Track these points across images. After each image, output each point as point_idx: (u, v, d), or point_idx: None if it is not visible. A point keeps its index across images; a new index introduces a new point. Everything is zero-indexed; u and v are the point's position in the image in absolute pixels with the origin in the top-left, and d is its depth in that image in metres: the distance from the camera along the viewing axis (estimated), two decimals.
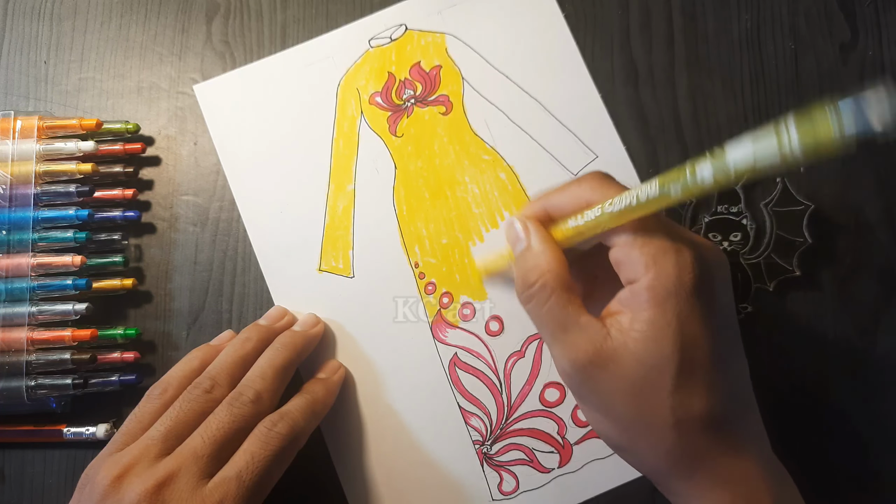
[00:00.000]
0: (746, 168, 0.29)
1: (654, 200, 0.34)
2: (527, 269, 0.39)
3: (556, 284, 0.38)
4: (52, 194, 0.50)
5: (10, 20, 0.55)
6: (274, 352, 0.45)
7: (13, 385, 0.48)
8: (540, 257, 0.39)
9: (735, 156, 0.29)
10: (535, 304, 0.39)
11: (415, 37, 0.53)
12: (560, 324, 0.38)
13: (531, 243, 0.40)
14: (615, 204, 0.36)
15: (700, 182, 0.31)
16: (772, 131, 0.27)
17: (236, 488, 0.38)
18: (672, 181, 0.32)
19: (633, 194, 0.35)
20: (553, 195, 0.41)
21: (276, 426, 0.41)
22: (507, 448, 0.48)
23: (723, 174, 0.30)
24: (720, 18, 0.52)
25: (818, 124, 0.25)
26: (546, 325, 0.39)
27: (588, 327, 0.37)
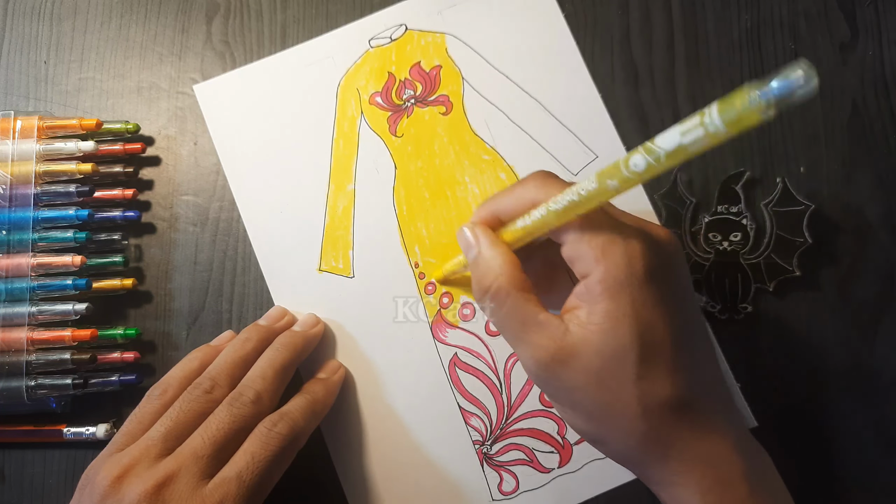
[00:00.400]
0: (675, 149, 0.29)
1: (595, 194, 0.34)
2: (480, 274, 0.40)
3: (511, 286, 0.38)
4: (52, 194, 0.50)
5: (10, 20, 0.55)
6: (274, 352, 0.45)
7: (13, 385, 0.48)
8: (492, 262, 0.39)
9: (663, 141, 0.30)
10: (493, 309, 0.39)
11: (415, 37, 0.53)
12: (520, 324, 0.38)
13: (481, 249, 0.40)
14: (558, 202, 0.36)
15: (634, 170, 0.31)
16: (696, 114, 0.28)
17: (237, 488, 0.38)
18: (609, 175, 0.33)
19: (573, 191, 0.35)
20: (500, 198, 0.41)
21: (276, 426, 0.41)
22: (507, 448, 0.48)
23: (654, 159, 0.30)
24: (720, 18, 0.52)
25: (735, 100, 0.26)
26: (506, 328, 0.39)
27: (547, 325, 0.37)
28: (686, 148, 0.29)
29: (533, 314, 0.38)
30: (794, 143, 0.50)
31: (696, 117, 0.28)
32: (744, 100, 0.26)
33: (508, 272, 0.38)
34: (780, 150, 0.50)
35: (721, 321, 0.48)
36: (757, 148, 0.50)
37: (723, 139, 0.27)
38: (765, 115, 0.25)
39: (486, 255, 0.40)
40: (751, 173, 0.49)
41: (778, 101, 0.25)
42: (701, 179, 0.50)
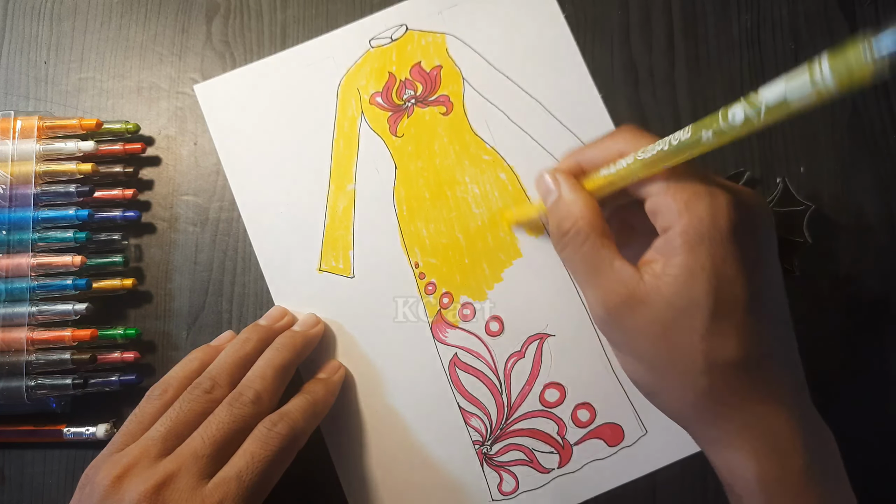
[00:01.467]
0: (777, 104, 0.28)
1: (686, 146, 0.33)
2: (560, 217, 0.40)
3: (590, 230, 0.38)
4: (52, 194, 0.50)
5: (11, 20, 0.55)
6: (274, 352, 0.45)
7: (13, 385, 0.48)
8: (572, 205, 0.39)
9: (767, 95, 0.28)
10: (570, 250, 0.39)
11: (415, 37, 0.53)
12: (594, 267, 0.38)
13: (562, 193, 0.40)
14: (647, 151, 0.35)
15: (732, 124, 0.30)
16: (804, 68, 0.27)
17: (236, 488, 0.38)
18: (704, 126, 0.32)
19: (665, 141, 0.34)
20: (586, 149, 0.41)
21: (276, 426, 0.41)
22: (507, 448, 0.48)
23: (754, 113, 0.29)
24: (720, 18, 0.52)
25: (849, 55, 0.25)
26: (580, 270, 0.39)
27: (621, 271, 0.37)
28: (789, 104, 0.28)
29: (609, 258, 0.38)
30: (794, 143, 0.50)
31: (804, 70, 0.26)
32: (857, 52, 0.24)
33: (588, 216, 0.39)
34: (781, 151, 0.50)
35: None
36: (757, 148, 0.50)
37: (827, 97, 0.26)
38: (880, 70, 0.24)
39: (566, 199, 0.40)
40: (751, 173, 0.49)
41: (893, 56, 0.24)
42: None
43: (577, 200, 0.39)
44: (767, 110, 0.29)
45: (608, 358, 0.48)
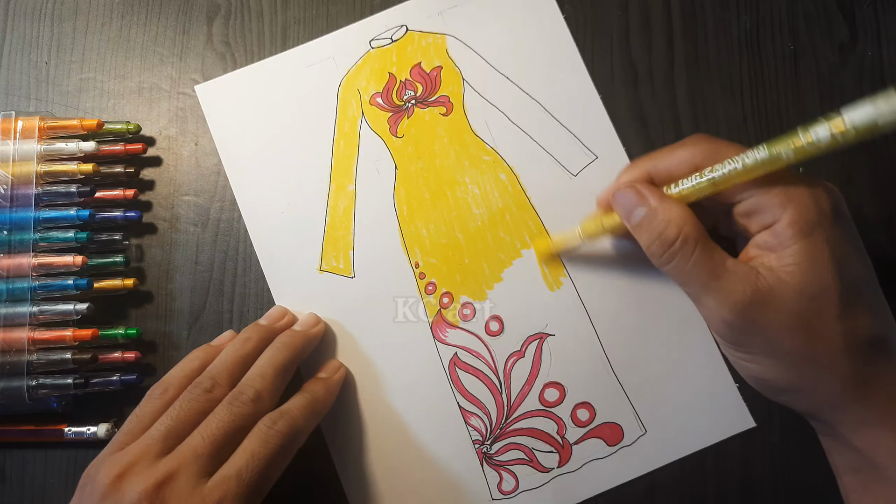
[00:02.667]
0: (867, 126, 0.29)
1: (764, 163, 0.34)
2: (661, 228, 0.39)
3: (698, 235, 0.38)
4: (54, 194, 0.50)
5: (11, 21, 0.56)
6: (274, 351, 0.45)
7: (14, 385, 0.48)
8: (671, 213, 0.39)
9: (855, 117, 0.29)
10: (680, 260, 0.39)
11: (415, 38, 0.53)
12: (710, 272, 0.38)
13: (654, 205, 0.40)
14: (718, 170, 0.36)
15: (815, 143, 0.31)
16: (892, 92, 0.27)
17: (236, 487, 0.38)
18: (783, 145, 0.33)
19: (739, 159, 0.35)
20: (656, 159, 0.41)
21: (276, 424, 0.41)
22: (507, 448, 0.48)
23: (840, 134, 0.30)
24: (719, 19, 0.52)
25: None
26: (696, 278, 0.38)
27: (737, 270, 0.37)
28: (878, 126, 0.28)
29: (721, 260, 0.38)
30: None
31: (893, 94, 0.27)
32: None
33: (692, 220, 0.38)
34: None
35: None
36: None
37: None
38: None
39: (662, 209, 0.39)
40: None
41: None
42: None
43: (673, 208, 0.39)
44: (857, 132, 0.30)
45: (608, 358, 0.48)
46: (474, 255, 0.50)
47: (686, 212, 0.39)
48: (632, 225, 0.41)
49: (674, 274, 0.40)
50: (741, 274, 0.37)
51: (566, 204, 0.50)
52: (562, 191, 0.50)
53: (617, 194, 0.42)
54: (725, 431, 0.47)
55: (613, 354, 0.48)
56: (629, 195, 0.41)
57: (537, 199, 0.50)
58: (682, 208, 0.39)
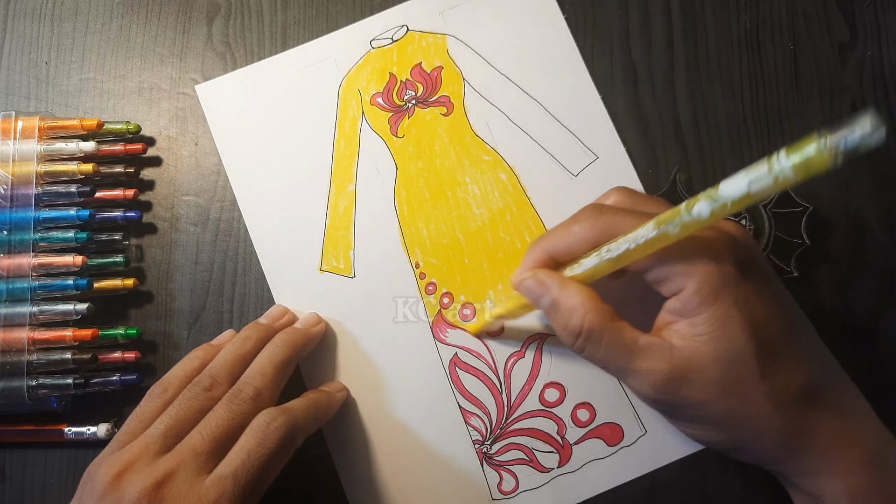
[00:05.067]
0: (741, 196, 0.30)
1: (653, 241, 0.34)
2: (566, 319, 0.39)
3: (603, 320, 0.38)
4: (54, 195, 0.50)
5: (11, 21, 0.56)
6: (274, 348, 0.45)
7: (14, 385, 0.48)
8: (573, 301, 0.38)
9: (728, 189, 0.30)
10: (591, 348, 0.38)
11: (416, 38, 0.53)
12: (624, 356, 0.37)
13: (555, 295, 0.39)
14: (613, 251, 0.36)
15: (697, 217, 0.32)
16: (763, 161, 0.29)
17: (232, 486, 0.38)
18: (668, 221, 0.33)
19: (630, 239, 0.35)
20: (552, 237, 0.41)
21: (275, 421, 0.41)
22: (507, 448, 0.48)
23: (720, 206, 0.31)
24: (719, 19, 0.52)
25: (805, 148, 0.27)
26: (611, 363, 0.38)
27: (651, 347, 0.37)
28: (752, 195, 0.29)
29: (633, 340, 0.37)
30: (793, 143, 0.50)
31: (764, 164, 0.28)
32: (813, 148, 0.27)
33: (594, 307, 0.38)
34: None
35: None
36: (756, 148, 0.50)
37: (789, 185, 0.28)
38: (833, 164, 0.26)
39: (563, 299, 0.39)
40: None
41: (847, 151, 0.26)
42: (700, 179, 0.50)
43: (574, 295, 0.39)
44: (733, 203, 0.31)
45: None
46: (475, 256, 0.50)
47: (588, 298, 0.38)
48: (543, 312, 0.41)
49: (590, 360, 0.40)
50: (656, 351, 0.36)
51: (566, 204, 0.50)
52: (562, 191, 0.50)
53: (521, 284, 0.41)
54: None
55: None
56: (531, 285, 0.41)
57: (538, 200, 0.50)
58: (583, 295, 0.38)
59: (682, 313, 0.36)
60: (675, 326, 0.36)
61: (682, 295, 0.36)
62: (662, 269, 0.36)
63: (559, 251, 0.40)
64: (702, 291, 0.35)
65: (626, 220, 0.38)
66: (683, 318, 0.36)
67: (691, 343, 0.36)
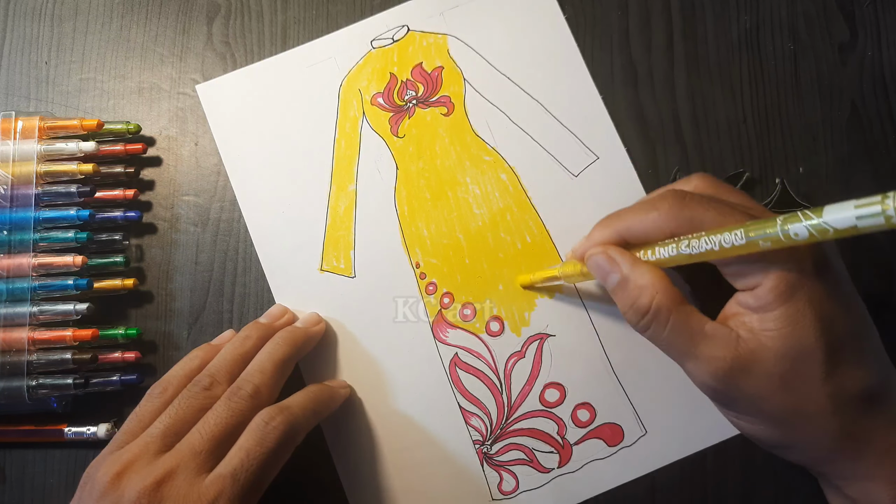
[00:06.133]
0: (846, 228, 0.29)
1: (740, 248, 0.34)
2: (634, 297, 0.39)
3: (671, 302, 0.37)
4: (54, 195, 0.50)
5: (11, 21, 0.56)
6: (274, 346, 0.45)
7: (14, 385, 0.48)
8: (642, 281, 0.38)
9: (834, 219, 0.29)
10: (655, 329, 0.38)
11: (417, 38, 0.53)
12: (688, 340, 0.37)
13: (626, 272, 0.39)
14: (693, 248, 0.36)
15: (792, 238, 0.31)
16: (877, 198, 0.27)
17: (231, 485, 0.38)
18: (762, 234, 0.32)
19: (715, 241, 0.34)
20: (628, 219, 0.40)
21: (273, 419, 0.41)
22: (507, 448, 0.48)
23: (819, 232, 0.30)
24: (719, 19, 0.52)
25: None
26: (674, 346, 0.38)
27: (717, 335, 0.36)
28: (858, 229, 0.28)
29: (699, 326, 0.37)
30: (794, 143, 0.50)
31: (878, 203, 0.27)
32: None
33: (665, 288, 0.38)
34: (780, 151, 0.50)
35: None
36: (756, 148, 0.50)
37: None
38: None
39: (634, 277, 0.39)
40: (750, 173, 0.50)
41: None
42: None
43: (645, 274, 0.39)
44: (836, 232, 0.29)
45: (608, 358, 0.48)
46: (475, 256, 0.50)
47: (659, 278, 0.38)
48: (609, 289, 0.41)
49: (652, 341, 0.39)
50: (721, 339, 0.36)
51: (567, 204, 0.50)
52: (563, 191, 0.50)
53: (590, 259, 0.41)
54: (725, 432, 0.47)
55: (614, 355, 0.48)
56: (601, 261, 0.40)
57: (538, 200, 0.50)
58: (654, 275, 0.38)
59: (754, 308, 0.36)
60: (744, 318, 0.36)
61: (759, 291, 0.36)
62: (741, 266, 0.36)
63: (633, 235, 0.40)
64: (777, 289, 0.35)
65: (710, 216, 0.37)
66: (754, 313, 0.36)
67: (759, 336, 0.36)
